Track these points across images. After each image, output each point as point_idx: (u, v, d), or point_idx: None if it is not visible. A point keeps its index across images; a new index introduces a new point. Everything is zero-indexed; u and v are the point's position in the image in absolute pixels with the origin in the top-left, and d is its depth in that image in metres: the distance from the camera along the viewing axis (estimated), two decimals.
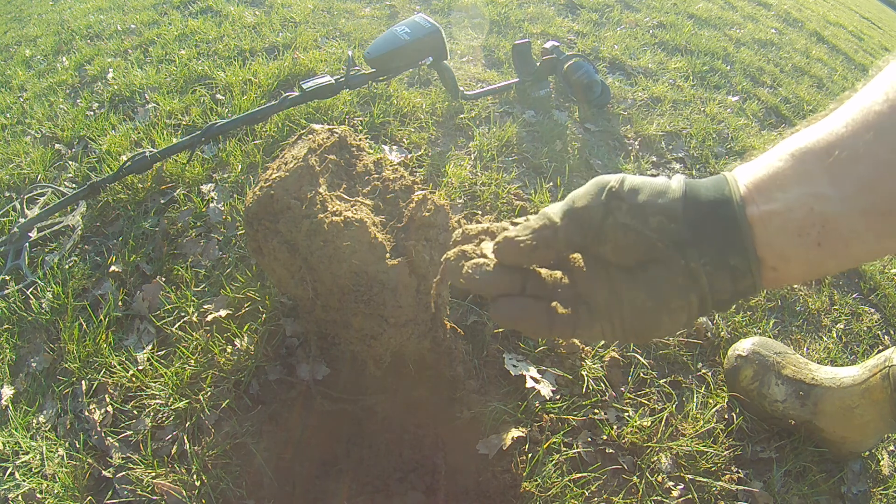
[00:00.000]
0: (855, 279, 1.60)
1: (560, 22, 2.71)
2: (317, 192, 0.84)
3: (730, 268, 0.36)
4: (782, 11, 4.23)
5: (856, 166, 0.32)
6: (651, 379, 1.12)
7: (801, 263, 0.35)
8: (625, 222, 0.38)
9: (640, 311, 0.38)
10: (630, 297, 0.38)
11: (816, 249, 0.33)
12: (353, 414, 0.96)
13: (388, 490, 0.88)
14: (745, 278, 0.36)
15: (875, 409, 0.94)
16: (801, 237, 0.34)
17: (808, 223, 0.33)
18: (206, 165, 1.50)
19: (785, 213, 0.34)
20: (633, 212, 0.38)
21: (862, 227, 0.32)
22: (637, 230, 0.38)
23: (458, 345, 0.99)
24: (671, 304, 0.38)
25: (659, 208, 0.38)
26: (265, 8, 2.59)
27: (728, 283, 0.37)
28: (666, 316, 0.38)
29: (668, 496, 0.95)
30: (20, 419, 0.99)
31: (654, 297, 0.38)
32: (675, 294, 0.37)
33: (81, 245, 1.35)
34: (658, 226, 0.37)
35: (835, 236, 0.33)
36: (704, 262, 0.36)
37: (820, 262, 0.34)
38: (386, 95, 1.81)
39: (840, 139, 0.33)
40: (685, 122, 2.07)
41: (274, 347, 1.05)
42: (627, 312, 0.38)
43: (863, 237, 0.32)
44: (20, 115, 1.96)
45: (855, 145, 0.32)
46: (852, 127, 0.32)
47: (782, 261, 0.35)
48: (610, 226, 0.39)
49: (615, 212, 0.38)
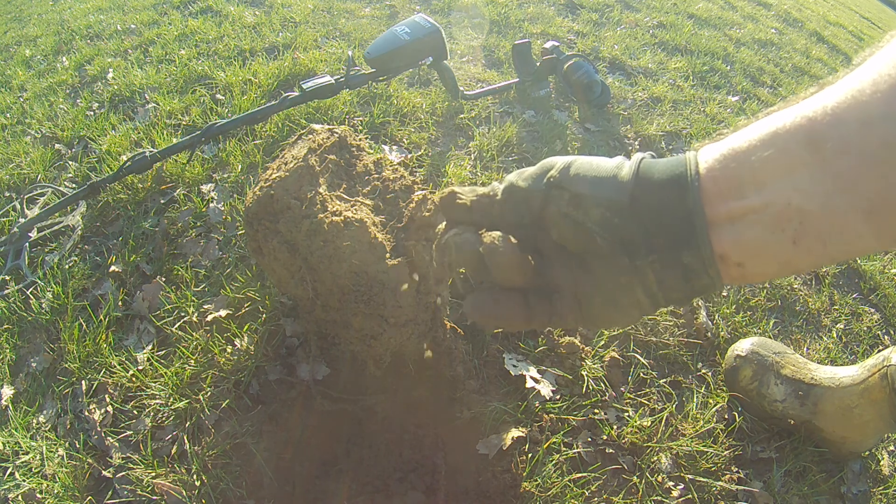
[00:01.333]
0: (855, 279, 1.60)
1: (560, 22, 2.71)
2: (317, 192, 0.84)
3: (682, 266, 0.33)
4: (782, 11, 4.23)
5: (839, 161, 0.29)
6: (651, 379, 1.12)
7: (773, 261, 0.32)
8: (566, 212, 0.36)
9: (590, 304, 0.37)
10: (582, 288, 0.37)
11: (791, 247, 0.30)
12: (353, 414, 0.96)
13: (388, 490, 0.88)
14: (700, 276, 0.33)
15: (874, 408, 0.94)
16: (775, 234, 0.31)
17: (785, 219, 0.30)
18: (206, 165, 1.50)
19: (760, 209, 0.31)
20: (574, 202, 0.36)
21: (842, 225, 0.29)
22: (578, 222, 0.35)
23: (458, 345, 0.99)
24: (618, 301, 0.36)
25: (602, 200, 0.35)
26: (265, 8, 2.59)
27: (680, 281, 0.34)
28: (614, 311, 0.36)
29: (668, 496, 0.95)
30: (20, 419, 0.99)
31: (599, 293, 0.36)
32: (620, 292, 0.35)
33: (81, 245, 1.35)
34: (601, 219, 0.35)
35: (813, 234, 0.30)
36: (652, 260, 0.34)
37: (793, 260, 0.31)
38: (386, 95, 1.81)
39: (825, 127, 0.29)
40: (685, 122, 2.07)
41: (274, 347, 1.05)
42: (583, 305, 0.37)
43: (842, 236, 0.30)
44: (20, 115, 1.96)
45: (841, 136, 0.29)
46: (837, 113, 0.29)
47: (751, 257, 0.32)
48: (552, 214, 0.37)
49: (556, 200, 0.36)
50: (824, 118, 0.29)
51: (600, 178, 0.36)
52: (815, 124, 0.30)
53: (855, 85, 0.29)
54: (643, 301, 0.36)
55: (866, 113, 0.28)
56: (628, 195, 0.34)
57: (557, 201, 0.36)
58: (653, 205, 0.34)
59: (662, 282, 0.34)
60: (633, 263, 0.34)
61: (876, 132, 0.28)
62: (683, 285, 0.34)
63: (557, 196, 0.37)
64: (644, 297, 0.35)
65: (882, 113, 0.28)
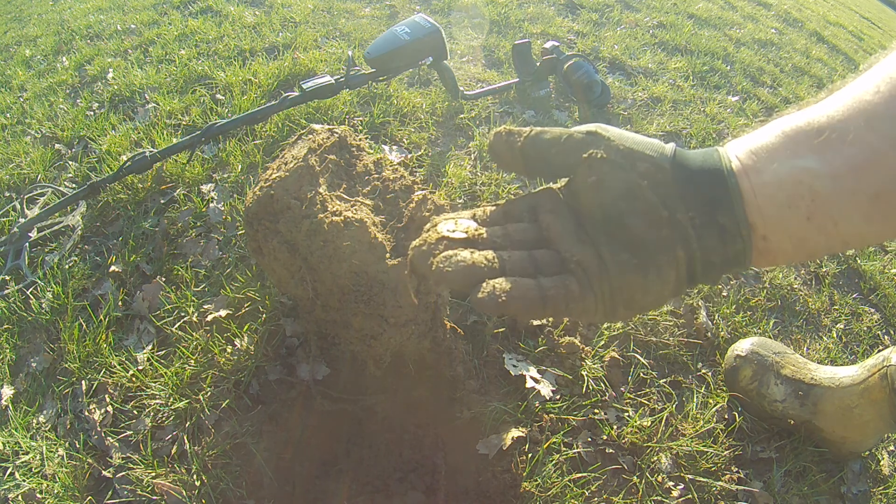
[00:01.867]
0: (855, 279, 1.60)
1: (560, 22, 2.71)
2: (317, 192, 0.84)
3: (718, 226, 0.35)
4: (782, 11, 4.23)
5: (846, 148, 0.32)
6: (651, 379, 1.12)
7: (792, 237, 0.34)
8: (613, 159, 0.36)
9: (624, 271, 0.35)
10: (612, 257, 0.35)
11: (806, 223, 0.33)
12: (353, 414, 0.96)
13: (388, 490, 0.88)
14: (734, 241, 0.35)
15: (874, 408, 0.94)
16: (790, 209, 0.33)
17: (798, 195, 0.33)
18: (206, 165, 1.50)
19: (775, 184, 0.34)
20: (622, 153, 0.37)
21: (851, 206, 0.32)
22: (625, 169, 0.36)
23: (458, 345, 0.99)
24: (657, 259, 0.35)
25: (648, 158, 0.37)
26: (265, 8, 2.59)
27: (717, 241, 0.35)
28: (653, 274, 0.34)
29: (668, 496, 0.95)
30: (20, 419, 0.99)
31: (638, 253, 0.35)
32: (660, 248, 0.35)
33: (81, 245, 1.35)
34: (646, 171, 0.36)
35: (824, 212, 0.33)
36: (692, 216, 0.35)
37: (810, 238, 0.34)
38: (386, 95, 1.81)
39: (831, 122, 0.33)
40: (685, 122, 2.07)
41: (274, 347, 1.05)
42: (614, 275, 0.35)
43: (851, 217, 0.32)
44: (20, 115, 1.96)
45: (845, 129, 0.32)
46: (843, 112, 0.33)
47: (773, 231, 0.34)
48: (596, 160, 0.36)
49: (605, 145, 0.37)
50: (830, 115, 0.33)
51: (644, 140, 0.38)
52: (822, 120, 0.33)
53: (860, 89, 0.33)
54: (681, 259, 0.35)
55: (871, 111, 0.31)
56: (670, 158, 0.37)
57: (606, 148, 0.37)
58: (691, 171, 0.36)
59: (701, 239, 0.35)
60: (673, 217, 0.35)
61: (880, 129, 0.31)
62: (720, 247, 0.35)
63: (606, 142, 0.37)
64: (683, 255, 0.35)
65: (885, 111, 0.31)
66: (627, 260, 0.35)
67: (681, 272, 0.35)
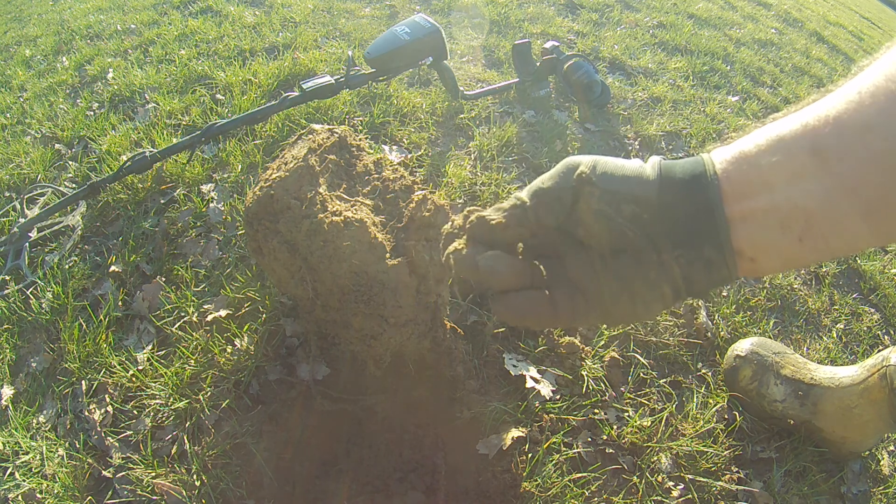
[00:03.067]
0: (855, 279, 1.60)
1: (560, 22, 2.71)
2: (317, 192, 0.84)
3: (704, 260, 0.36)
4: (782, 11, 4.23)
5: (841, 168, 0.31)
6: (651, 379, 1.12)
7: (781, 256, 0.35)
8: (598, 209, 0.37)
9: (615, 300, 0.38)
10: (607, 285, 0.38)
11: (798, 244, 0.33)
12: (353, 414, 0.96)
13: (388, 490, 0.88)
14: (719, 270, 0.36)
15: (874, 408, 0.94)
16: (783, 232, 0.33)
17: (792, 219, 0.33)
18: (206, 165, 1.50)
19: (769, 210, 0.34)
20: (605, 198, 0.37)
21: (843, 225, 0.32)
22: (609, 217, 0.37)
23: (458, 345, 0.99)
24: (644, 296, 0.37)
25: (632, 197, 0.37)
26: (265, 8, 2.59)
27: (702, 273, 0.36)
28: (640, 306, 0.38)
29: (668, 496, 0.95)
30: (20, 419, 0.99)
31: (626, 289, 0.38)
32: (647, 287, 0.37)
33: (81, 245, 1.35)
34: (631, 215, 0.37)
35: (816, 232, 0.33)
36: (678, 255, 0.36)
37: (800, 255, 0.34)
38: (386, 95, 1.81)
39: (826, 135, 0.32)
40: (685, 122, 2.07)
41: (274, 347, 1.05)
42: (607, 300, 0.38)
43: (843, 234, 0.33)
44: (20, 115, 1.96)
45: (841, 144, 0.32)
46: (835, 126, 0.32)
47: (762, 253, 0.35)
48: (583, 210, 0.38)
49: (588, 197, 0.38)
50: (826, 126, 0.32)
51: (628, 176, 0.38)
52: (817, 132, 0.32)
53: (853, 94, 0.32)
54: (668, 294, 0.37)
55: (864, 123, 0.31)
56: (655, 192, 0.37)
57: (588, 198, 0.38)
58: (678, 202, 0.36)
59: (687, 275, 0.36)
60: (660, 258, 0.36)
61: (873, 142, 0.30)
62: (705, 277, 0.36)
63: (589, 193, 0.38)
64: (669, 290, 0.37)
65: (877, 123, 0.30)
66: (619, 291, 0.38)
67: (667, 301, 0.38)
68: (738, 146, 0.36)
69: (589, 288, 0.39)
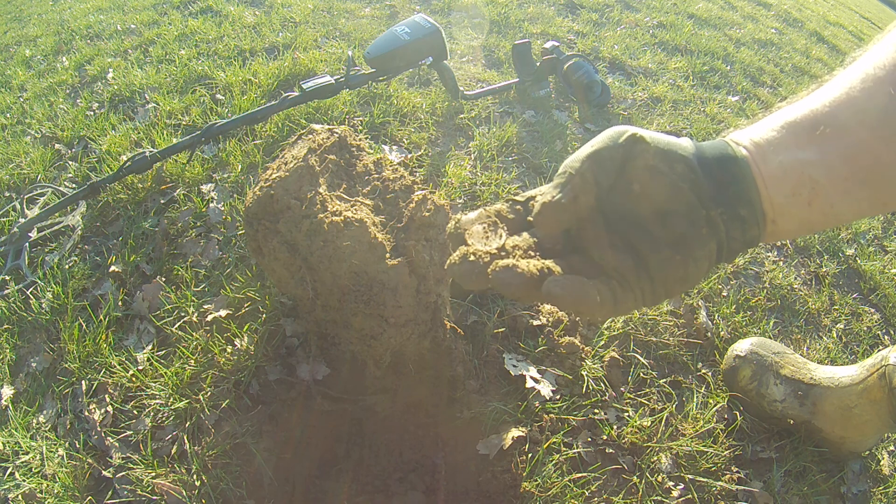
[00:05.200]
0: (855, 279, 1.60)
1: (560, 22, 2.71)
2: (317, 192, 0.84)
3: (740, 218, 0.39)
4: (782, 11, 4.23)
5: (838, 140, 0.36)
6: (651, 379, 1.12)
7: (795, 219, 0.39)
8: (653, 164, 0.39)
9: (667, 267, 0.39)
10: (655, 256, 0.40)
11: (807, 208, 0.38)
12: (353, 414, 0.96)
13: (388, 490, 0.88)
14: (752, 228, 0.40)
15: (873, 408, 0.94)
16: (794, 196, 0.38)
17: (801, 184, 0.37)
18: (206, 165, 1.50)
19: (781, 175, 0.38)
20: (660, 155, 0.40)
21: (844, 191, 0.37)
22: (665, 174, 0.39)
23: (459, 345, 0.99)
24: (696, 254, 0.39)
25: (681, 158, 0.40)
26: (265, 8, 2.59)
27: (739, 231, 0.40)
28: (692, 266, 0.40)
29: (668, 496, 0.95)
30: (20, 419, 0.99)
31: (681, 250, 0.39)
32: (700, 243, 0.39)
33: (81, 245, 1.35)
34: (683, 173, 0.39)
35: (822, 198, 0.37)
36: (721, 212, 0.39)
37: (810, 219, 0.39)
38: (386, 95, 1.81)
39: (824, 115, 0.37)
40: (685, 122, 2.07)
41: (274, 347, 1.05)
42: (655, 272, 0.39)
43: (845, 200, 0.37)
44: (20, 115, 1.96)
45: (837, 122, 0.37)
46: (834, 106, 0.37)
47: (780, 216, 0.39)
48: (638, 168, 0.40)
49: (643, 154, 0.40)
50: (824, 109, 0.38)
51: (672, 139, 0.41)
52: (817, 115, 0.38)
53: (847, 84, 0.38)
54: (713, 251, 0.40)
55: (857, 106, 0.36)
56: (695, 158, 0.40)
57: (644, 154, 0.40)
58: (713, 168, 0.40)
59: (728, 231, 0.40)
60: (708, 214, 0.39)
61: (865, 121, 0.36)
62: (741, 235, 0.40)
63: (644, 150, 0.40)
64: (714, 247, 0.40)
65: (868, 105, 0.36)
66: (670, 256, 0.39)
67: (712, 259, 0.40)
68: (750, 131, 0.41)
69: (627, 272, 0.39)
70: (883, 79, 0.36)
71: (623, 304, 0.39)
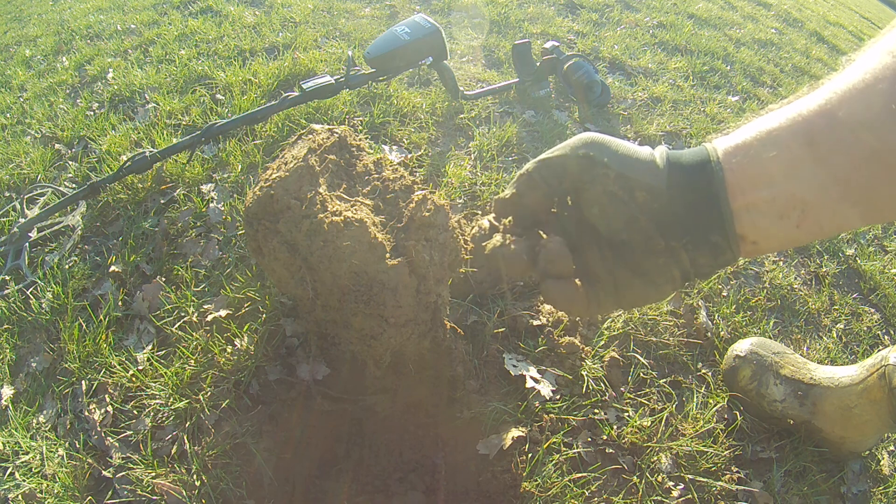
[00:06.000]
0: (855, 279, 1.60)
1: (560, 22, 2.71)
2: (317, 192, 0.84)
3: (710, 244, 0.38)
4: (782, 11, 4.23)
5: (834, 158, 0.34)
6: (651, 379, 1.12)
7: (779, 240, 0.38)
8: (612, 191, 0.39)
9: (628, 287, 0.41)
10: (618, 273, 0.41)
11: (795, 230, 0.37)
12: (353, 414, 0.96)
13: (388, 490, 0.88)
14: (724, 253, 0.39)
15: (873, 408, 0.94)
16: (782, 219, 0.37)
17: (790, 208, 0.36)
18: (206, 165, 1.50)
19: (770, 200, 0.37)
20: (619, 182, 0.39)
21: (836, 211, 0.36)
22: (623, 202, 0.39)
23: (459, 345, 0.99)
24: (655, 280, 0.40)
25: (644, 185, 0.39)
26: (265, 8, 2.59)
27: (708, 257, 0.39)
28: (652, 290, 0.41)
29: (668, 496, 0.95)
30: (20, 419, 0.99)
31: (638, 276, 0.40)
32: (658, 272, 0.40)
33: (81, 245, 1.35)
34: (643, 202, 0.39)
35: (812, 219, 0.36)
36: (686, 241, 0.38)
37: (797, 238, 0.38)
38: (386, 95, 1.81)
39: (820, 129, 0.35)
40: (685, 122, 2.07)
41: (274, 347, 1.05)
42: (621, 286, 0.42)
43: (834, 219, 0.36)
44: (20, 115, 1.96)
45: (834, 138, 0.34)
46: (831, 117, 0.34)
47: (763, 238, 0.38)
48: (597, 192, 0.40)
49: (603, 179, 0.39)
50: (819, 118, 0.35)
51: (640, 162, 0.40)
52: (811, 124, 0.35)
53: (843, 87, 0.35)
54: (676, 277, 0.40)
55: (854, 119, 0.33)
56: (665, 182, 0.39)
57: (604, 179, 0.40)
58: (685, 193, 0.38)
59: (694, 259, 0.39)
60: (668, 245, 0.39)
61: (864, 138, 0.33)
62: (711, 260, 0.39)
63: (604, 175, 0.40)
64: (678, 274, 0.40)
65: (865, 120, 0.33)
66: (630, 277, 0.40)
67: (676, 284, 0.41)
68: (738, 136, 0.38)
69: (603, 278, 0.42)
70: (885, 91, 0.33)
71: (604, 307, 0.43)
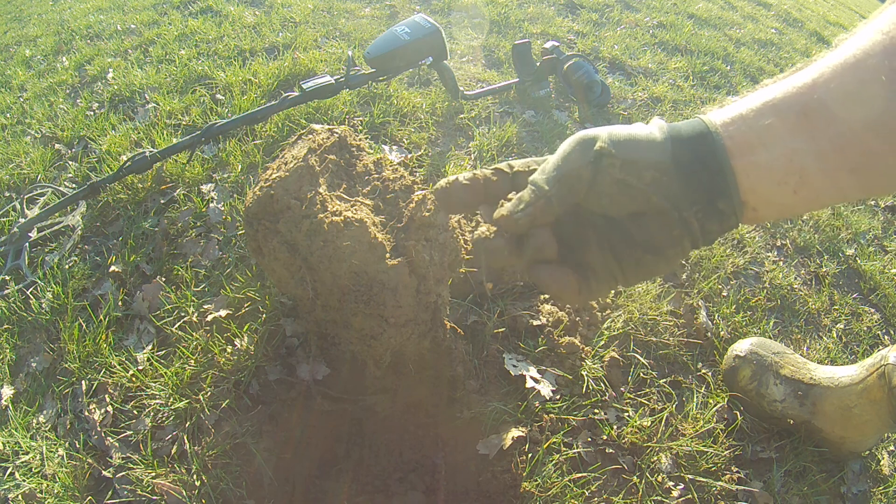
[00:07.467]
0: (855, 279, 1.60)
1: (560, 22, 2.71)
2: (317, 192, 0.84)
3: (717, 212, 0.39)
4: (782, 11, 4.23)
5: (829, 128, 0.35)
6: (651, 379, 1.12)
7: (777, 206, 0.39)
8: (620, 178, 0.40)
9: (638, 265, 0.42)
10: (628, 254, 0.42)
11: (793, 196, 0.37)
12: (353, 414, 0.96)
13: (388, 490, 0.88)
14: (729, 219, 0.40)
15: (873, 408, 0.94)
16: (780, 186, 0.37)
17: (788, 173, 0.37)
18: (206, 165, 1.50)
19: (768, 165, 0.37)
20: (626, 168, 0.40)
21: (833, 180, 0.36)
22: (633, 185, 0.40)
23: (459, 345, 0.99)
24: (667, 253, 0.41)
25: (651, 163, 0.39)
26: (265, 8, 2.59)
27: (716, 224, 0.40)
28: (663, 263, 0.42)
29: (668, 496, 0.95)
30: (20, 419, 0.99)
31: (652, 251, 0.41)
32: (671, 243, 0.41)
33: (81, 245, 1.35)
34: (652, 180, 0.39)
35: (809, 186, 0.37)
36: (696, 210, 0.39)
37: (794, 205, 0.38)
38: (386, 95, 1.81)
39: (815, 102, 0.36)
40: None
41: (274, 347, 1.05)
42: (628, 267, 0.42)
43: (832, 188, 0.37)
44: (20, 115, 1.96)
45: (828, 111, 0.35)
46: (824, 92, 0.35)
47: (763, 204, 0.39)
48: (606, 182, 0.40)
49: (609, 169, 0.40)
50: (814, 91, 0.36)
51: (642, 142, 0.40)
52: (806, 95, 0.36)
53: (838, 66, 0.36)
54: (686, 247, 0.41)
55: (845, 91, 0.35)
56: (669, 156, 0.39)
57: (610, 170, 0.40)
58: (690, 163, 0.39)
59: (703, 226, 0.40)
60: (681, 216, 0.39)
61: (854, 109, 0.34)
62: (718, 227, 0.40)
63: (610, 165, 0.40)
64: (688, 243, 0.41)
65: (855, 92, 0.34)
66: (642, 255, 0.41)
67: (685, 253, 0.42)
68: (733, 109, 0.39)
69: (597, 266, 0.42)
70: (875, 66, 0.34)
71: (596, 293, 0.43)
